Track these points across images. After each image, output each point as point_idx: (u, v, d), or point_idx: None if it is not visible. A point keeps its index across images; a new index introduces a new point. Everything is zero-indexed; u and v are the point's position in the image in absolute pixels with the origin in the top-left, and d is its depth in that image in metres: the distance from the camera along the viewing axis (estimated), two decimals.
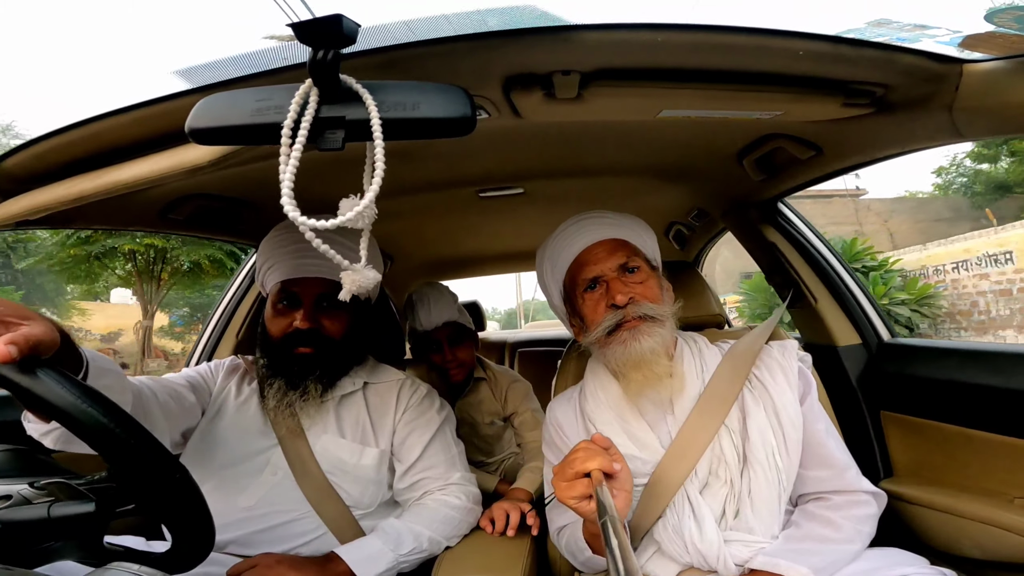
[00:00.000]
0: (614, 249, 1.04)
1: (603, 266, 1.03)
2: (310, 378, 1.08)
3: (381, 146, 0.54)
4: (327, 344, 1.09)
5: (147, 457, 0.60)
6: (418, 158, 1.29)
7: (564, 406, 1.12)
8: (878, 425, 1.32)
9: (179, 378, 1.12)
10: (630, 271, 1.03)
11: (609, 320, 0.99)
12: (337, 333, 1.11)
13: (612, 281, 1.02)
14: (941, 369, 1.18)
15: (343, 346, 1.12)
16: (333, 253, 0.58)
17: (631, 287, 1.01)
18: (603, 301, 1.02)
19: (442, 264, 2.69)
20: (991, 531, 1.02)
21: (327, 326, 1.10)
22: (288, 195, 0.52)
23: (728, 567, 0.86)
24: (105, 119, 0.78)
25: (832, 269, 1.47)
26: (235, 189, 1.35)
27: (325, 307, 1.11)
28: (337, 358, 1.12)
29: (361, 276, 0.62)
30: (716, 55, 0.77)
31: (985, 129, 0.86)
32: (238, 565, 0.92)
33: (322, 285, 1.09)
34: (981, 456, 1.09)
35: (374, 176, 0.55)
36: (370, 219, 0.57)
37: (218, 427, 1.11)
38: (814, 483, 0.94)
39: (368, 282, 0.63)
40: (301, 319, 1.07)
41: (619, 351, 0.97)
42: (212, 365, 1.22)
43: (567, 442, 1.08)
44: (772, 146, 1.20)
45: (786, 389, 0.97)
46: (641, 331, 0.96)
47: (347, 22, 0.49)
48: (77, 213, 1.09)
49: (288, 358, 1.08)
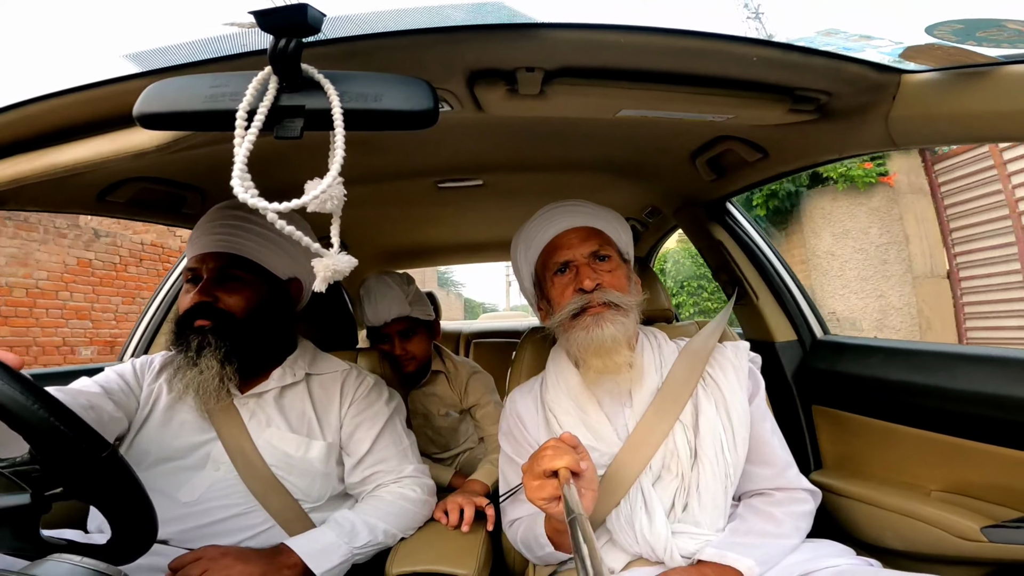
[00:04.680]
0: (587, 236, 1.06)
1: (575, 251, 1.05)
2: (207, 351, 1.01)
3: (342, 135, 0.53)
4: (224, 318, 1.04)
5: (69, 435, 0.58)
6: (377, 148, 1.27)
7: (525, 397, 1.13)
8: (810, 419, 1.39)
9: (93, 385, 1.05)
10: (601, 259, 1.05)
11: (574, 303, 1.01)
12: (237, 308, 1.05)
13: (582, 266, 1.03)
14: (867, 366, 1.24)
15: (246, 324, 1.06)
16: (306, 239, 0.54)
17: (600, 274, 1.02)
18: (571, 285, 1.03)
19: (399, 253, 2.66)
20: (911, 523, 1.07)
21: (224, 299, 1.05)
22: (239, 180, 0.50)
23: (674, 559, 0.89)
24: (46, 100, 0.74)
25: (773, 268, 1.54)
26: (181, 173, 1.29)
27: (223, 282, 1.06)
28: (239, 336, 1.05)
29: (335, 262, 0.58)
30: (673, 58, 0.79)
31: (918, 138, 0.90)
32: (182, 557, 0.89)
33: (223, 259, 1.06)
34: (902, 450, 1.15)
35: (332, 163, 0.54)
36: (339, 202, 0.55)
37: (152, 425, 1.06)
38: (757, 480, 0.99)
39: (344, 267, 0.59)
40: (195, 292, 1.04)
41: (581, 336, 0.99)
42: (138, 365, 1.15)
43: (525, 434, 1.09)
44: (723, 148, 1.25)
45: (737, 388, 1.00)
46: (604, 318, 0.98)
47: (312, 11, 0.48)
48: (10, 195, 1.03)
49: (188, 331, 1.03)
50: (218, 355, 1.01)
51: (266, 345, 1.11)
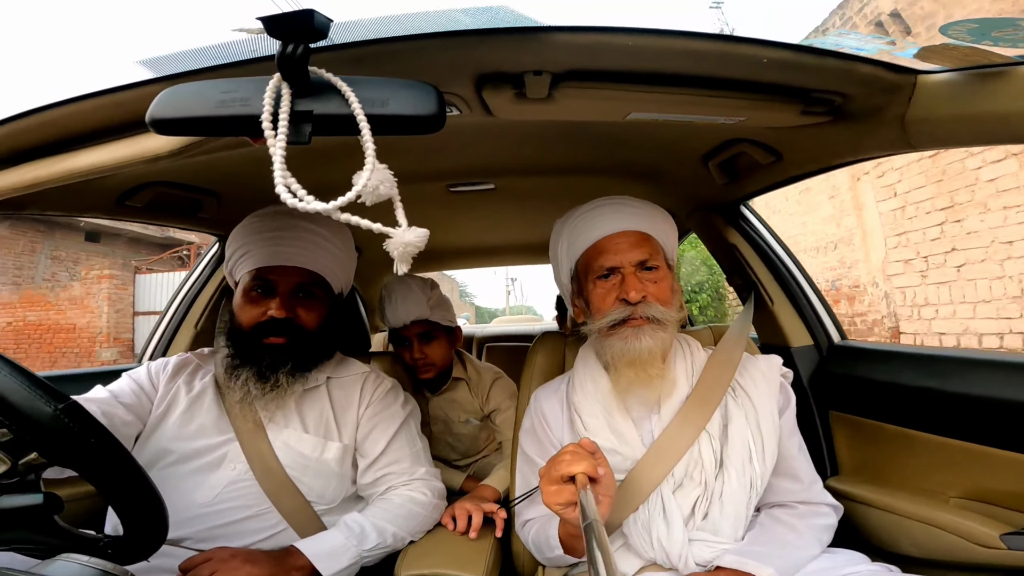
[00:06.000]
0: (637, 243, 1.03)
1: (623, 257, 1.02)
2: (281, 370, 1.04)
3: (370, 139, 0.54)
4: (301, 335, 1.07)
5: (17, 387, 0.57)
6: (388, 152, 1.26)
7: (550, 396, 1.12)
8: (827, 425, 1.37)
9: (105, 394, 1.05)
10: (648, 268, 1.02)
11: (616, 314, 0.99)
12: (312, 324, 1.08)
13: (628, 276, 1.00)
14: (885, 371, 1.22)
15: (317, 338, 1.09)
16: (367, 222, 0.54)
17: (646, 285, 1.00)
18: (614, 292, 1.01)
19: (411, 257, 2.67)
20: (928, 530, 1.05)
21: (302, 316, 1.07)
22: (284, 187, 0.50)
23: (688, 566, 0.88)
24: (64, 105, 0.75)
25: (789, 272, 1.52)
26: (197, 178, 1.31)
27: (301, 297, 1.08)
28: (310, 350, 1.09)
29: (408, 236, 0.58)
30: (683, 60, 0.78)
31: (935, 140, 0.88)
32: (192, 559, 0.90)
33: (300, 274, 1.07)
34: (919, 456, 1.13)
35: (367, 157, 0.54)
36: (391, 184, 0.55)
37: (170, 426, 1.06)
38: (782, 493, 0.98)
39: (417, 240, 0.59)
40: (277, 307, 1.04)
41: (618, 345, 0.98)
42: (154, 368, 1.15)
43: (548, 432, 1.08)
44: (736, 150, 1.23)
45: (768, 400, 0.99)
46: (644, 331, 0.96)
47: (319, 17, 0.49)
48: (32, 199, 1.05)
49: (258, 348, 1.05)
50: (293, 373, 1.04)
51: (324, 354, 1.14)
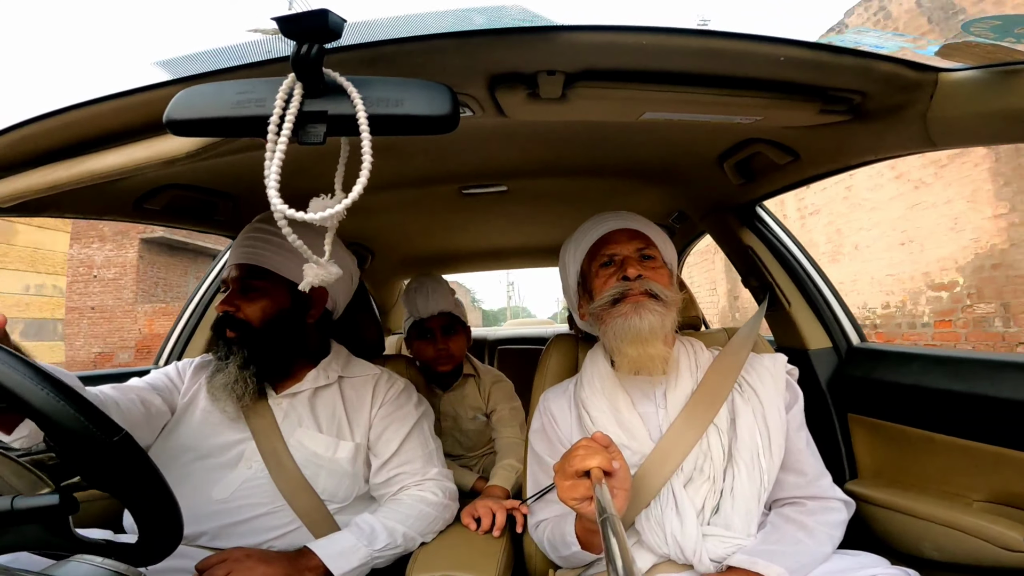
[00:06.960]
0: (635, 236, 1.10)
1: (623, 247, 1.08)
2: (232, 359, 1.08)
3: (368, 139, 0.54)
4: (244, 329, 1.09)
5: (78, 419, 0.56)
6: (401, 154, 1.28)
7: (559, 396, 1.14)
8: (845, 427, 1.35)
9: (142, 383, 1.13)
10: (646, 257, 1.08)
11: (616, 288, 1.03)
12: (253, 318, 1.10)
13: (628, 258, 1.07)
14: (906, 373, 1.20)
15: (262, 333, 1.10)
16: (301, 244, 0.58)
17: (644, 268, 1.05)
18: (616, 276, 1.05)
19: (423, 260, 2.68)
20: (951, 533, 1.03)
21: (244, 309, 1.10)
22: (274, 187, 0.52)
23: (703, 562, 0.88)
24: (82, 108, 0.77)
25: (806, 273, 1.50)
26: (213, 181, 1.32)
27: (245, 292, 1.12)
28: (256, 344, 1.09)
29: (323, 271, 0.64)
30: (698, 59, 0.78)
31: (958, 138, 0.87)
32: (208, 559, 0.91)
33: (243, 269, 1.11)
34: (942, 459, 1.11)
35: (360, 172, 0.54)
36: (338, 218, 0.57)
37: (189, 422, 1.11)
38: (789, 488, 0.97)
39: (330, 276, 0.65)
40: (220, 302, 1.11)
41: (619, 323, 1.00)
42: (180, 366, 1.22)
43: (557, 431, 1.10)
44: (752, 151, 1.22)
45: (774, 396, 1.00)
46: (644, 306, 0.99)
47: (333, 17, 0.49)
48: (51, 201, 1.07)
49: (218, 340, 1.12)
50: (238, 362, 1.08)
51: (287, 350, 1.15)
